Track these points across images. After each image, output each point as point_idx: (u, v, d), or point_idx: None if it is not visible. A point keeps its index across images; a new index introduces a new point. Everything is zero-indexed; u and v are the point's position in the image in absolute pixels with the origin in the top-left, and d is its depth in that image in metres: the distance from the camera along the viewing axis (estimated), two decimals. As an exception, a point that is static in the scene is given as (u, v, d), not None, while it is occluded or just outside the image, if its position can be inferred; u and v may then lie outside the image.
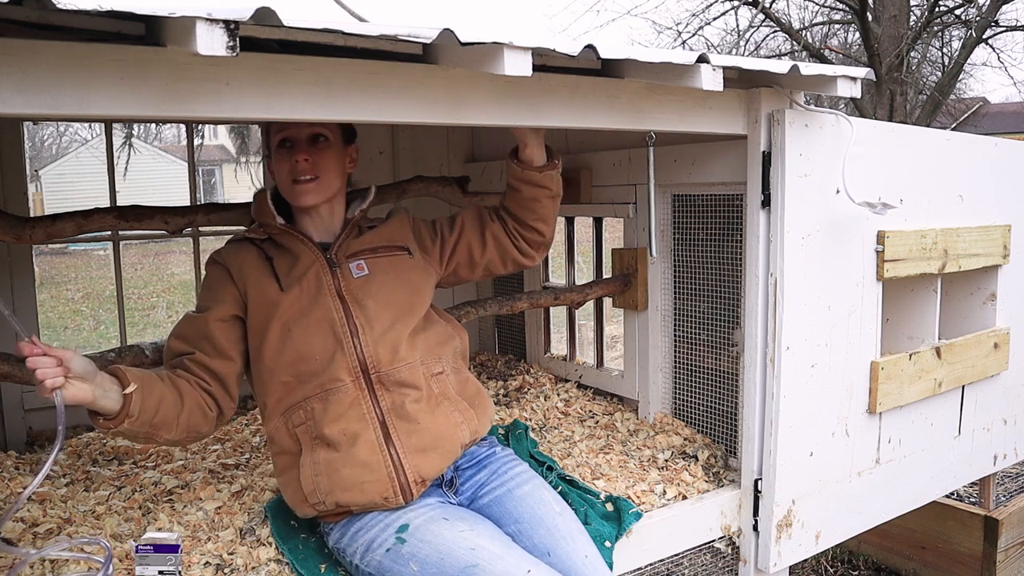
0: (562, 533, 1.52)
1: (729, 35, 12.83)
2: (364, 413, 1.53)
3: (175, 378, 1.50)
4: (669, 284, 2.27)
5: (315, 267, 1.61)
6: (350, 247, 1.67)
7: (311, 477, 1.51)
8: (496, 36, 1.19)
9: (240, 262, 1.63)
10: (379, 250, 1.69)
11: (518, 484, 1.61)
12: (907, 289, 2.28)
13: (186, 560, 1.50)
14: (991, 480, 2.78)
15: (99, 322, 8.27)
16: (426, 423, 1.55)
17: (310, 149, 1.60)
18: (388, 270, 1.66)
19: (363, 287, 1.62)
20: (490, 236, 1.81)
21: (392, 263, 1.68)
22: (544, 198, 1.78)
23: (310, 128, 1.61)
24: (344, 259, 1.64)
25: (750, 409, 1.90)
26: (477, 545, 1.39)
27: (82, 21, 1.09)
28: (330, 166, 1.63)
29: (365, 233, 1.71)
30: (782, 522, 1.91)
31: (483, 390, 1.74)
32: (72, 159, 21.37)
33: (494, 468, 1.64)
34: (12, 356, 1.52)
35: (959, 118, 15.96)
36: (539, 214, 1.80)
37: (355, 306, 1.59)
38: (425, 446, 1.53)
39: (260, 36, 1.16)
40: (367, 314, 1.58)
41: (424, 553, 1.40)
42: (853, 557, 3.07)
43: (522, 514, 1.55)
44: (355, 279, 1.62)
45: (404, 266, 1.69)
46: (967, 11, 11.29)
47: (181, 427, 1.47)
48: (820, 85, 1.73)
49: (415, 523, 1.46)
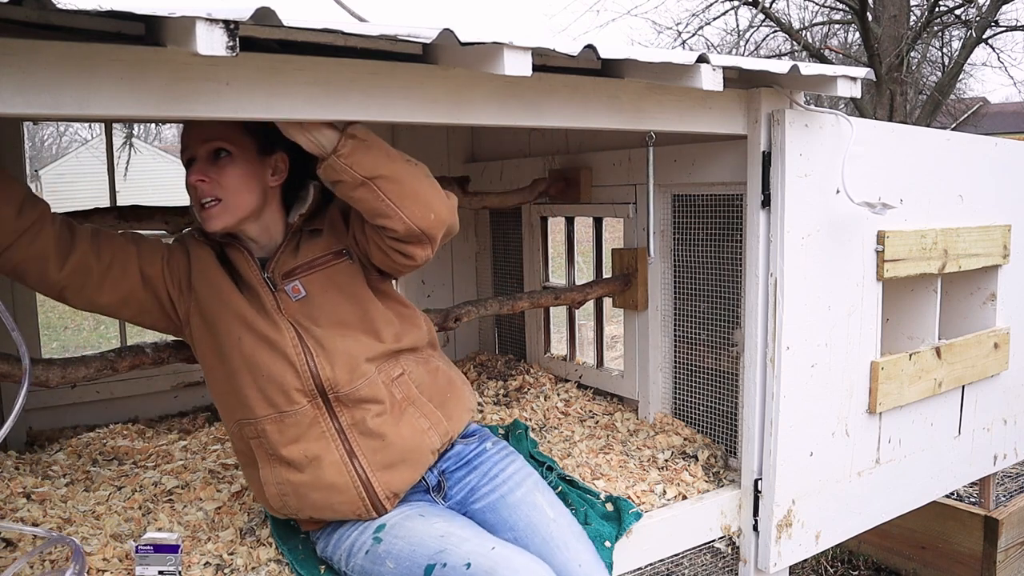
0: (556, 542, 1.50)
1: (729, 35, 12.84)
2: (324, 432, 1.47)
3: (53, 212, 1.37)
4: (669, 284, 2.27)
5: (257, 287, 1.50)
6: (285, 264, 1.51)
7: (277, 495, 1.49)
8: (496, 36, 1.19)
9: (197, 255, 1.52)
10: (315, 263, 1.51)
11: (511, 489, 1.56)
12: (907, 289, 2.28)
13: (186, 560, 1.50)
14: (991, 480, 2.78)
15: (99, 322, 8.26)
16: (391, 437, 1.48)
17: (210, 167, 1.43)
18: (327, 287, 1.51)
19: (304, 311, 1.49)
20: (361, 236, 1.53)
21: (329, 276, 1.51)
22: (353, 192, 1.39)
23: (207, 143, 1.43)
24: (280, 279, 1.51)
25: (750, 409, 1.90)
26: (447, 532, 1.39)
27: (82, 21, 1.09)
28: (236, 185, 1.44)
29: (304, 242, 1.54)
30: (782, 522, 1.91)
31: (456, 379, 1.65)
32: (72, 159, 21.36)
33: (485, 469, 1.59)
34: (12, 356, 1.52)
35: (959, 118, 15.96)
36: (369, 210, 1.42)
37: (305, 332, 1.48)
38: (392, 461, 1.48)
39: (260, 36, 1.16)
40: (316, 336, 1.47)
41: (398, 548, 1.40)
42: (853, 557, 3.07)
43: (517, 522, 1.51)
44: (294, 303, 1.49)
45: (343, 276, 1.52)
46: (967, 11, 11.29)
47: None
48: (820, 85, 1.73)
49: (391, 522, 1.46)
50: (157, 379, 2.61)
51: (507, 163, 2.84)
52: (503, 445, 1.67)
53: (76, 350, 6.99)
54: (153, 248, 1.52)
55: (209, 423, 2.43)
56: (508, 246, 2.96)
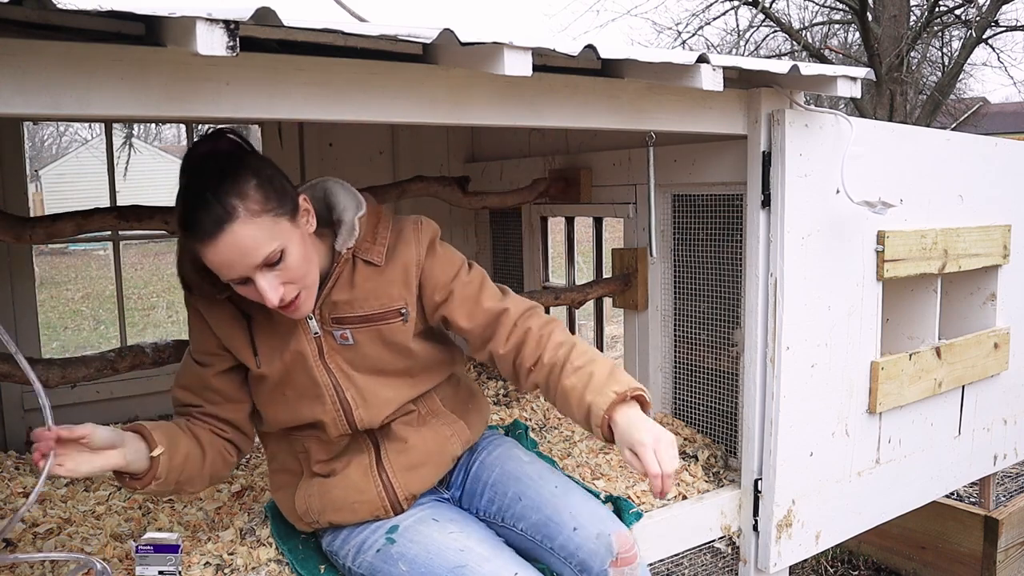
0: (530, 476, 1.54)
1: (729, 35, 12.84)
2: (359, 445, 1.51)
3: (195, 428, 1.46)
4: (669, 284, 2.27)
5: (296, 335, 1.42)
6: (335, 307, 1.42)
7: (304, 497, 1.52)
8: (496, 36, 1.19)
9: (216, 319, 1.44)
10: (371, 319, 1.43)
11: (488, 452, 1.61)
12: (907, 289, 2.28)
13: (186, 560, 1.51)
14: (991, 480, 2.78)
15: (99, 322, 8.27)
16: (414, 440, 1.51)
17: (274, 277, 1.29)
18: (376, 339, 1.44)
19: (346, 356, 1.45)
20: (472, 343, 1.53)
21: (380, 332, 1.44)
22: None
23: (259, 265, 1.26)
24: (329, 321, 1.43)
25: (750, 409, 1.90)
26: (466, 547, 1.39)
27: (82, 21, 1.09)
28: (305, 268, 1.32)
29: (360, 277, 1.43)
30: (782, 522, 1.91)
31: (476, 392, 1.69)
32: (72, 159, 21.37)
33: (477, 448, 1.64)
34: (12, 356, 1.52)
35: (959, 118, 15.95)
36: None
37: (344, 378, 1.44)
38: (415, 463, 1.51)
39: (260, 36, 1.16)
40: (358, 386, 1.45)
41: (413, 553, 1.40)
42: (853, 557, 3.07)
43: (491, 475, 1.56)
44: (338, 345, 1.44)
45: (396, 333, 1.45)
46: (967, 11, 11.29)
47: (204, 478, 1.45)
48: (820, 85, 1.73)
49: (404, 524, 1.47)
50: (157, 379, 2.61)
51: (507, 163, 2.84)
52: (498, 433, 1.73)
53: (76, 350, 7.00)
54: (210, 357, 1.47)
55: (209, 423, 2.43)
56: (508, 246, 2.96)
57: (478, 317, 1.46)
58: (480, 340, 1.48)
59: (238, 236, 1.24)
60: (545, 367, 1.41)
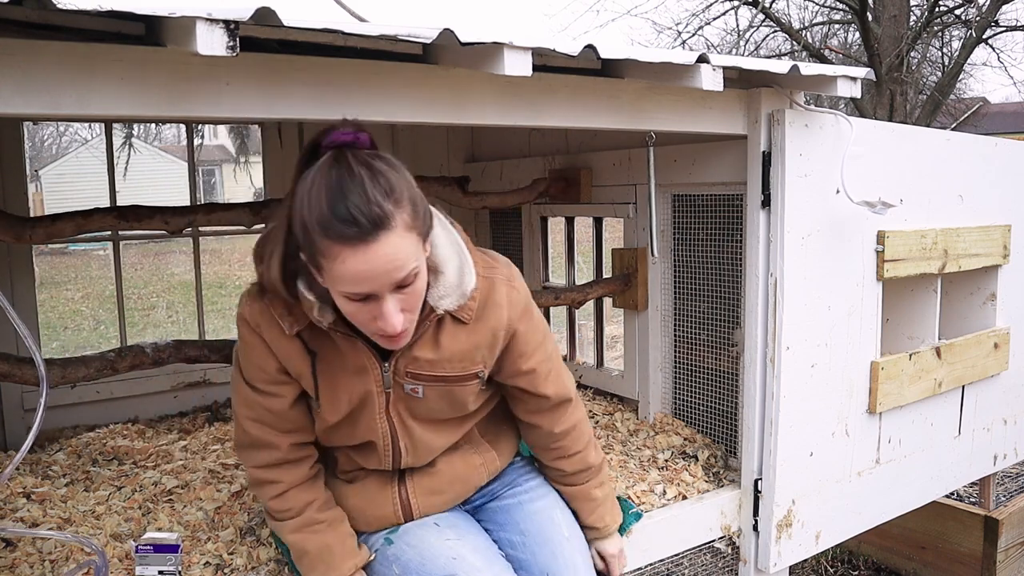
0: (566, 560, 1.46)
1: (729, 35, 12.85)
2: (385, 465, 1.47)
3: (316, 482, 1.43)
4: (669, 284, 2.27)
5: (365, 380, 1.32)
6: (415, 362, 1.32)
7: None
8: (496, 36, 1.19)
9: (284, 353, 1.31)
10: (448, 379, 1.35)
11: (531, 499, 1.53)
12: (907, 289, 2.28)
13: (186, 560, 1.50)
14: (991, 480, 2.78)
15: (99, 322, 8.27)
16: (442, 466, 1.46)
17: (399, 295, 1.16)
18: (444, 396, 1.37)
19: (411, 407, 1.37)
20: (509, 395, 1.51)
21: (451, 392, 1.37)
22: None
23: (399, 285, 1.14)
24: (403, 373, 1.33)
25: (750, 409, 1.90)
26: (459, 555, 1.36)
27: (82, 21, 1.09)
28: (422, 296, 1.22)
29: (447, 335, 1.31)
30: (782, 522, 1.91)
31: (509, 417, 1.56)
32: (72, 159, 21.39)
33: (508, 479, 1.56)
34: (12, 356, 1.52)
35: (959, 118, 15.96)
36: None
37: (401, 428, 1.38)
38: (438, 488, 1.46)
39: (260, 36, 1.16)
40: (412, 436, 1.39)
41: (407, 557, 1.39)
42: (853, 557, 3.07)
43: (529, 528, 1.49)
44: (405, 395, 1.35)
45: (466, 394, 1.39)
46: (967, 11, 11.29)
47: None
48: (820, 85, 1.73)
49: (405, 526, 1.45)
50: (157, 379, 2.61)
51: (507, 163, 2.84)
52: (527, 461, 1.63)
53: (76, 350, 7.00)
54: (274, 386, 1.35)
55: (209, 423, 2.43)
56: (508, 246, 2.96)
57: (549, 390, 1.46)
58: (535, 406, 1.47)
59: (394, 246, 1.09)
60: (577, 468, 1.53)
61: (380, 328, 1.17)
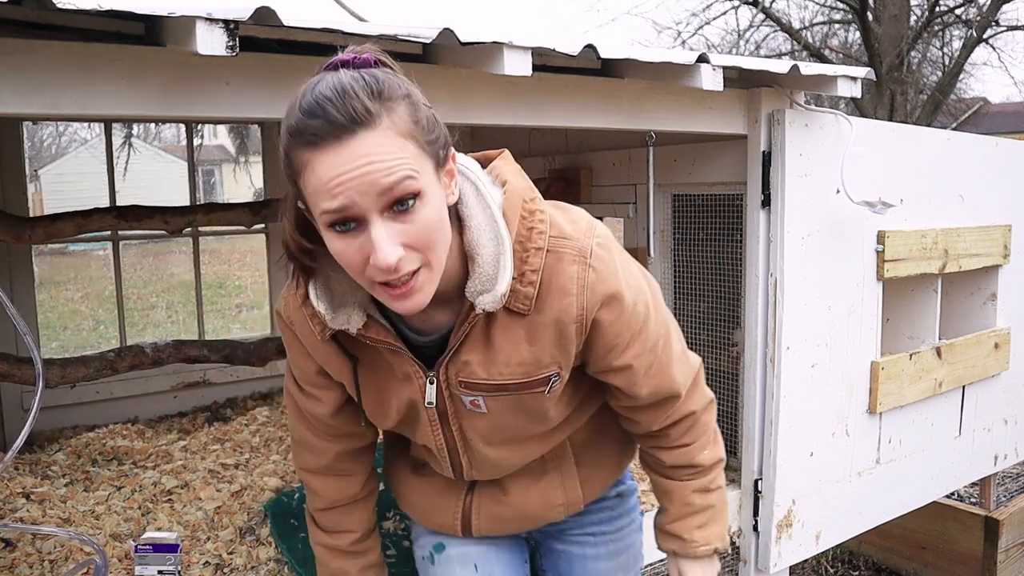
0: None
1: (729, 35, 12.85)
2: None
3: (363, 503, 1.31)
4: (669, 284, 2.27)
5: (412, 390, 1.10)
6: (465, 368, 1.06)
7: (390, 471, 1.37)
8: (496, 36, 1.19)
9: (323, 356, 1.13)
10: (511, 387, 1.07)
11: (596, 556, 1.34)
12: (907, 289, 2.28)
13: (186, 560, 1.50)
14: (991, 480, 2.78)
15: (99, 322, 8.26)
16: (515, 497, 1.24)
17: (396, 226, 0.88)
18: (515, 408, 1.10)
19: (475, 423, 1.13)
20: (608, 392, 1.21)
21: (522, 399, 1.09)
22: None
23: (388, 191, 0.86)
24: (456, 383, 1.08)
25: (750, 409, 1.90)
26: None
27: (82, 21, 1.09)
28: (435, 234, 0.91)
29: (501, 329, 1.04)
30: (782, 522, 1.91)
31: (614, 427, 1.28)
32: (72, 159, 21.38)
33: (585, 519, 1.34)
34: (12, 356, 1.52)
35: (959, 118, 15.95)
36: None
37: (461, 439, 1.15)
38: (503, 518, 1.27)
39: (260, 36, 1.16)
40: (475, 454, 1.17)
41: None
42: (853, 557, 3.07)
43: None
44: (466, 410, 1.12)
45: (541, 401, 1.11)
46: (967, 11, 11.29)
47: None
48: (820, 85, 1.73)
49: (449, 552, 1.31)
50: (157, 379, 2.61)
51: (507, 163, 2.84)
52: (620, 494, 1.38)
53: (76, 350, 7.00)
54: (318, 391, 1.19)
55: (209, 423, 2.43)
56: (508, 246, 2.95)
57: (645, 389, 1.15)
58: (629, 403, 1.18)
59: (374, 145, 0.85)
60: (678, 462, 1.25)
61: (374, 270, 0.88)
